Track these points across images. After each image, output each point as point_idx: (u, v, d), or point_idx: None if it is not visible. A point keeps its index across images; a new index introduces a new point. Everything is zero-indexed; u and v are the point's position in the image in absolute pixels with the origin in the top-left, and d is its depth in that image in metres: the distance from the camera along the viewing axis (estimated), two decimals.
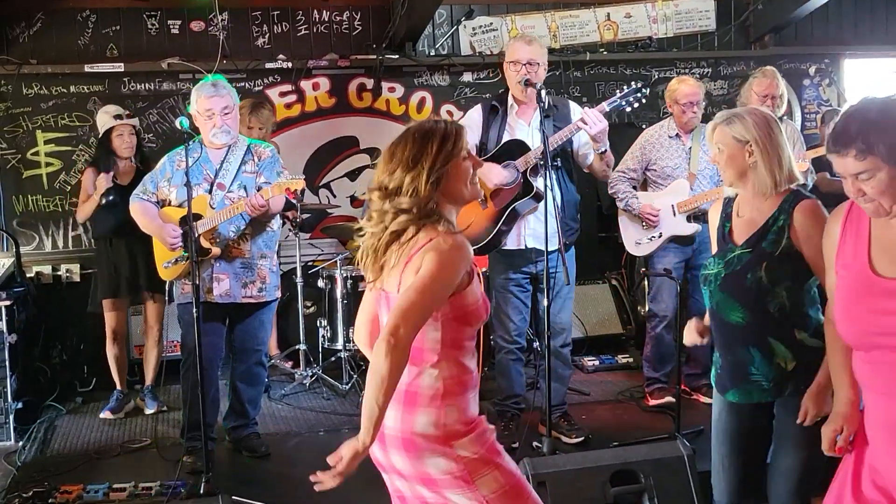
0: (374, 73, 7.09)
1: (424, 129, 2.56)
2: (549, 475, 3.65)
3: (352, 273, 5.97)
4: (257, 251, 4.73)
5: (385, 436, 2.52)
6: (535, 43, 4.83)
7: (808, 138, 7.50)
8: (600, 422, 5.13)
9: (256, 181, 4.69)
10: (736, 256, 3.06)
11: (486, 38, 7.31)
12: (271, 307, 4.93)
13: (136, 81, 6.73)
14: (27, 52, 6.57)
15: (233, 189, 4.65)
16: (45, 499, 4.12)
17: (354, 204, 7.19)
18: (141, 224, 4.80)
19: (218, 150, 4.71)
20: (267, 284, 4.76)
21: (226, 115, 4.64)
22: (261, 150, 4.80)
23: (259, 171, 4.72)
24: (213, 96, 4.62)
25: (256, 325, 4.83)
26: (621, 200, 5.50)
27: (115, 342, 5.72)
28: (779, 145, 3.06)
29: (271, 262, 4.82)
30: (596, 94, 7.40)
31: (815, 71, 7.85)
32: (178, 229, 4.61)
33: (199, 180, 4.63)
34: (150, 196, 4.76)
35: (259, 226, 4.71)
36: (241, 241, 4.68)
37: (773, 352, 3.01)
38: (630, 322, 6.90)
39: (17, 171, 6.58)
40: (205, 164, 4.69)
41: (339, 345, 5.94)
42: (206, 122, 4.64)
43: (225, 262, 4.64)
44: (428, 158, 2.49)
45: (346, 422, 5.36)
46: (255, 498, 4.06)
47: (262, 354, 4.93)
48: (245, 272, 4.69)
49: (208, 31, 6.84)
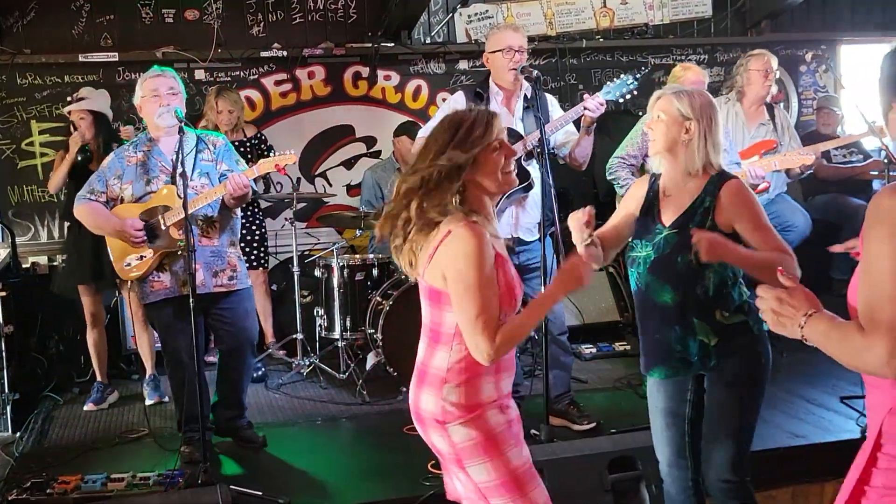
0: (370, 62, 7.07)
1: (456, 116, 2.59)
2: (547, 462, 3.65)
3: (348, 262, 5.96)
4: (227, 239, 4.63)
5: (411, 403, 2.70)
6: (521, 30, 4.83)
7: (804, 125, 7.52)
8: (598, 409, 5.13)
9: (218, 168, 4.57)
10: (663, 238, 3.10)
11: (481, 25, 7.28)
12: (249, 294, 4.80)
13: (130, 71, 6.70)
14: (21, 41, 6.54)
15: (194, 178, 4.49)
16: (43, 489, 4.10)
17: (351, 193, 7.18)
18: (91, 225, 4.61)
19: (168, 138, 4.51)
20: (238, 272, 4.64)
21: (171, 95, 4.50)
22: (213, 139, 4.67)
23: (217, 160, 4.60)
24: (158, 76, 4.53)
25: (242, 313, 4.70)
26: (622, 187, 5.46)
27: (95, 327, 5.64)
28: (717, 131, 3.12)
29: (238, 250, 4.74)
30: (592, 81, 7.39)
31: (811, 57, 7.83)
32: (139, 222, 4.44)
33: (155, 173, 4.52)
34: (99, 196, 4.55)
35: (226, 214, 4.59)
36: (210, 230, 4.56)
37: (696, 330, 3.08)
38: (627, 310, 6.89)
39: (12, 162, 6.56)
40: (157, 155, 4.55)
41: (336, 334, 5.93)
42: (152, 103, 4.49)
43: (196, 253, 4.44)
44: (463, 146, 2.52)
45: (343, 411, 5.36)
46: (252, 487, 4.06)
47: (249, 343, 4.76)
48: (215, 261, 4.56)
49: (203, 19, 6.82)
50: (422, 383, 2.63)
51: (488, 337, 2.45)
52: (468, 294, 2.45)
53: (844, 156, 6.97)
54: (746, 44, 7.64)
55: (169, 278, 4.54)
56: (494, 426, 2.56)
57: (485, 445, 2.54)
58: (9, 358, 5.17)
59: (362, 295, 5.89)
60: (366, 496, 4.10)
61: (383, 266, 5.98)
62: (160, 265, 4.55)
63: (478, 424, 2.54)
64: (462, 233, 2.47)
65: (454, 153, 2.51)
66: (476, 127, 2.54)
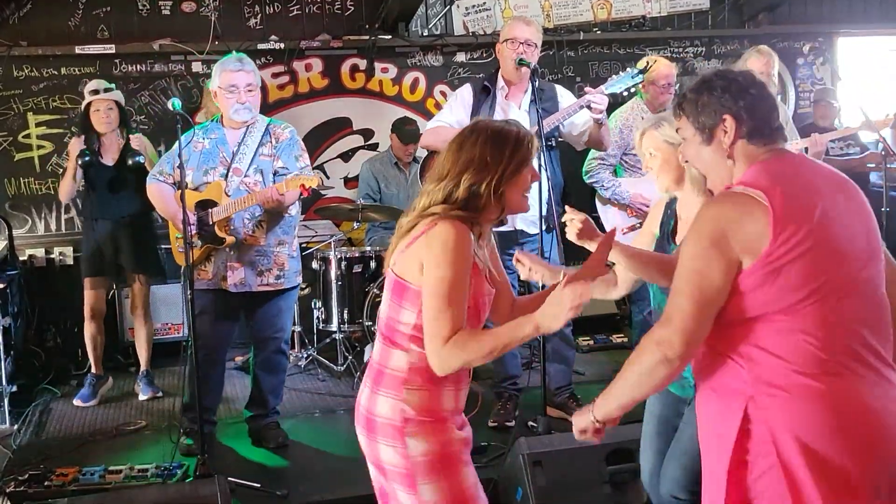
0: (367, 54, 7.05)
1: (499, 130, 2.47)
2: (544, 454, 3.66)
3: (346, 254, 5.96)
4: (274, 238, 4.59)
5: (356, 411, 2.52)
6: (534, 25, 4.82)
7: (801, 117, 7.51)
8: None
9: (273, 165, 4.55)
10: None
11: (479, 17, 7.27)
12: (291, 294, 4.79)
13: (127, 63, 6.68)
14: (17, 33, 6.51)
15: (249, 174, 4.50)
16: (41, 481, 4.11)
17: (348, 185, 7.17)
18: (157, 207, 4.72)
19: (236, 130, 4.56)
20: (285, 271, 4.62)
21: (249, 91, 4.49)
22: (279, 132, 4.62)
23: (276, 155, 4.57)
24: (239, 71, 4.47)
25: (275, 312, 4.69)
26: (606, 189, 5.42)
27: (93, 320, 5.63)
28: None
29: (290, 248, 4.68)
30: (590, 73, 7.38)
31: (809, 49, 7.83)
32: (192, 214, 4.43)
33: (214, 164, 4.51)
34: (167, 178, 4.61)
35: (275, 213, 4.56)
36: (256, 230, 4.54)
37: None
38: (624, 302, 6.88)
39: (9, 154, 6.54)
40: (221, 145, 4.55)
41: (334, 326, 5.93)
42: (228, 97, 4.48)
43: (239, 251, 4.52)
44: (500, 164, 2.42)
45: (341, 403, 5.37)
46: (250, 479, 4.07)
47: (281, 342, 4.76)
48: (261, 260, 4.55)
49: (200, 11, 6.80)
50: (378, 385, 2.46)
51: (443, 339, 2.30)
52: (438, 287, 2.31)
53: (841, 149, 6.97)
54: (744, 36, 7.64)
55: (213, 269, 4.56)
56: (453, 441, 2.44)
57: (442, 462, 2.40)
58: (6, 350, 5.18)
59: (360, 287, 5.90)
60: (363, 488, 4.06)
61: (381, 258, 5.97)
62: (208, 256, 4.57)
63: (438, 438, 2.41)
64: (447, 227, 2.36)
65: (504, 171, 2.42)
66: (521, 147, 2.45)
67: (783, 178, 2.19)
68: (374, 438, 2.45)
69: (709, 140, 2.31)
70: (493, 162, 2.42)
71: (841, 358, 2.13)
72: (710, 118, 2.29)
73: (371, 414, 2.45)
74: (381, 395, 2.44)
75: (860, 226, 2.24)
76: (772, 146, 2.28)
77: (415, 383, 2.41)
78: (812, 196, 2.17)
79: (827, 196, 2.20)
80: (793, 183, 2.19)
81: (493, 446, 4.40)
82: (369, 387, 2.49)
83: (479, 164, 2.42)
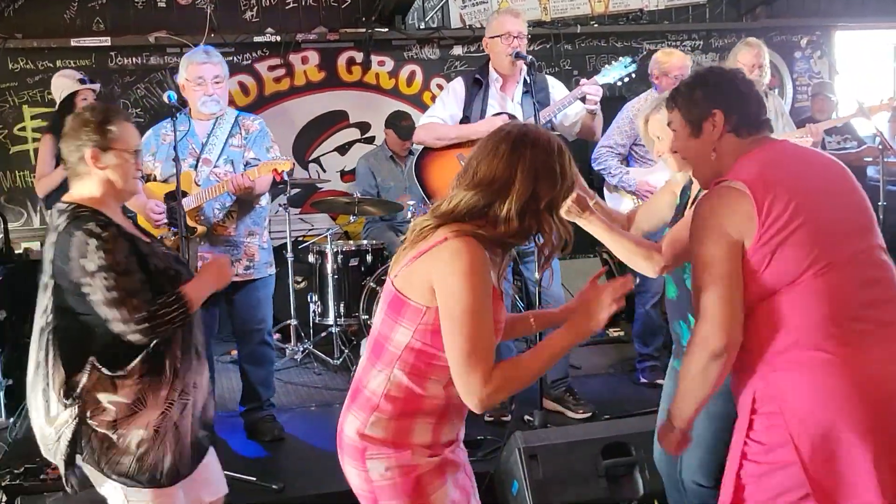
0: (364, 47, 7.04)
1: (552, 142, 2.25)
2: (540, 448, 3.66)
3: (342, 248, 5.95)
4: (244, 229, 4.59)
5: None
6: (521, 15, 4.82)
7: (798, 111, 7.51)
8: (592, 395, 5.13)
9: (244, 156, 4.56)
10: None
11: (476, 10, 7.26)
12: (266, 283, 4.75)
13: (122, 56, 6.68)
14: (12, 26, 6.50)
15: (219, 164, 4.51)
16: (37, 475, 4.10)
17: (344, 178, 7.16)
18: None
19: (205, 122, 4.57)
20: (255, 262, 4.62)
21: (216, 83, 4.49)
22: (248, 123, 4.65)
23: (247, 146, 4.58)
24: (206, 63, 4.48)
25: (253, 303, 4.67)
26: (614, 177, 5.41)
27: None
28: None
29: (260, 239, 4.68)
30: (587, 66, 7.37)
31: (806, 43, 7.83)
32: (162, 205, 4.41)
33: (184, 155, 4.48)
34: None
35: (246, 203, 4.57)
36: (226, 220, 4.53)
37: (691, 326, 3.02)
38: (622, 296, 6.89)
39: (4, 147, 6.53)
40: (191, 137, 4.55)
41: (330, 320, 5.92)
42: (196, 89, 4.49)
43: (210, 242, 4.50)
44: (555, 188, 2.22)
45: (337, 397, 5.36)
46: (246, 473, 4.06)
47: (264, 333, 4.74)
48: (230, 250, 4.53)
49: (196, 4, 6.79)
50: (352, 402, 2.30)
51: (482, 377, 2.08)
52: (464, 319, 2.09)
53: (839, 143, 6.97)
54: (741, 30, 7.63)
55: None
56: (419, 466, 2.22)
57: (404, 487, 2.21)
58: (1, 344, 5.16)
59: (356, 281, 5.89)
60: None
61: (377, 252, 5.98)
62: (178, 246, 4.53)
63: (400, 461, 2.22)
64: (459, 246, 2.12)
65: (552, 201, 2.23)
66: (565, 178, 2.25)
67: (766, 165, 2.31)
68: (341, 455, 2.33)
69: (697, 133, 2.43)
70: (548, 185, 2.21)
71: (851, 325, 2.24)
72: (700, 112, 2.40)
73: (341, 431, 2.33)
74: (351, 413, 2.30)
75: (850, 201, 2.37)
76: (756, 136, 2.40)
77: (385, 412, 2.22)
78: (796, 177, 2.31)
79: (812, 175, 2.35)
80: (776, 168, 2.31)
81: (489, 440, 4.39)
82: (347, 401, 2.34)
83: (533, 181, 2.19)
